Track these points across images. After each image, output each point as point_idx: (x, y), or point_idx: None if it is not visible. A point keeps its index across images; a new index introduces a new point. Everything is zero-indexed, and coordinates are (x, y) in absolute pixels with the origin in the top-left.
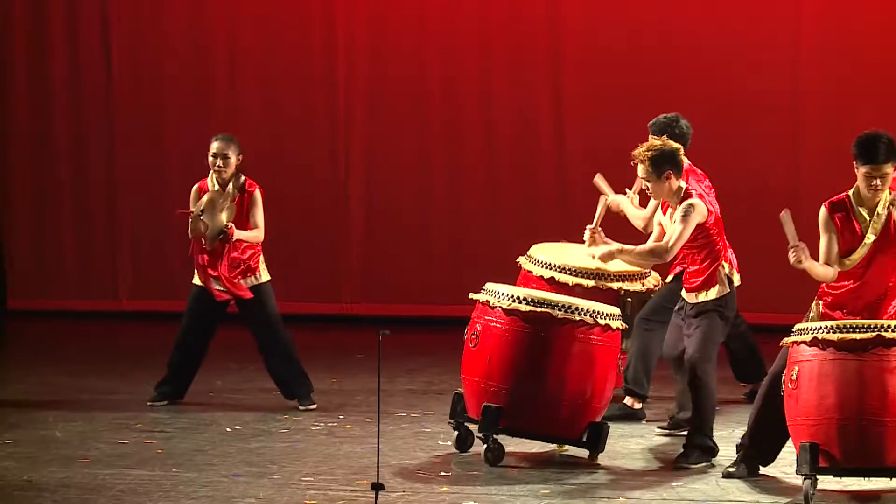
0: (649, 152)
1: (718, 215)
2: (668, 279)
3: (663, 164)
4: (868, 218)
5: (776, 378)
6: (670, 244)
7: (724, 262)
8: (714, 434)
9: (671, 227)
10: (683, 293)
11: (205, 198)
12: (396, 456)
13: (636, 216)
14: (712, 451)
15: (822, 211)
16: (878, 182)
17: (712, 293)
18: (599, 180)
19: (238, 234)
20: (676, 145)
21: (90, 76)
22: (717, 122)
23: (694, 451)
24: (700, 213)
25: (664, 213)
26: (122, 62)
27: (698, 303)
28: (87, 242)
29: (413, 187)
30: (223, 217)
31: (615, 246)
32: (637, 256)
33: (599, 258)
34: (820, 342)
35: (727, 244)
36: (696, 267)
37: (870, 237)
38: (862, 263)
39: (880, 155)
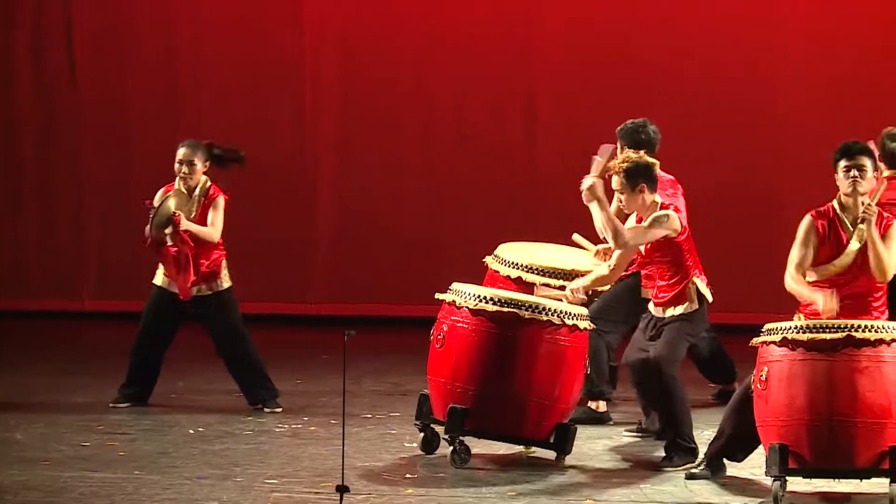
0: (624, 164)
1: (689, 230)
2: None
3: (637, 176)
4: (852, 227)
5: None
6: (631, 235)
7: (696, 279)
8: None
9: (640, 225)
10: (651, 307)
11: (170, 196)
12: (361, 458)
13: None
14: (694, 451)
15: (807, 219)
16: (857, 174)
17: (680, 309)
18: (578, 238)
19: (186, 223)
20: (653, 160)
21: (56, 75)
22: (692, 122)
23: (676, 454)
24: (672, 227)
25: (637, 223)
26: (87, 62)
27: (665, 317)
28: (50, 242)
29: (380, 186)
30: (171, 204)
31: (581, 282)
32: (614, 274)
33: (572, 302)
34: (789, 342)
35: (698, 260)
36: (666, 282)
37: (854, 244)
38: (845, 272)
39: (856, 146)
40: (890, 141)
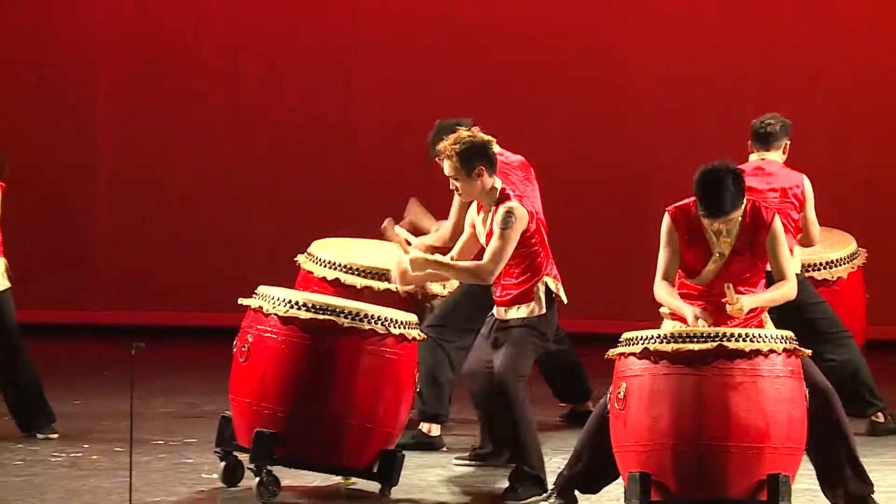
0: (457, 146)
1: (541, 218)
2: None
3: (473, 158)
4: (715, 236)
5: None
6: (494, 264)
7: (546, 278)
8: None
9: (492, 243)
10: (494, 308)
11: None
12: (152, 492)
13: (437, 237)
14: (541, 482)
15: (665, 219)
16: (722, 228)
17: (524, 311)
18: (416, 205)
19: None
20: (488, 137)
21: None
22: (541, 101)
23: (521, 485)
24: (521, 220)
25: (478, 213)
26: None
27: (508, 319)
28: None
29: (171, 177)
30: None
31: (431, 256)
32: (457, 273)
33: (411, 263)
34: (652, 354)
35: (549, 254)
36: (512, 280)
37: (721, 249)
38: (713, 284)
39: (726, 204)
40: (760, 125)
